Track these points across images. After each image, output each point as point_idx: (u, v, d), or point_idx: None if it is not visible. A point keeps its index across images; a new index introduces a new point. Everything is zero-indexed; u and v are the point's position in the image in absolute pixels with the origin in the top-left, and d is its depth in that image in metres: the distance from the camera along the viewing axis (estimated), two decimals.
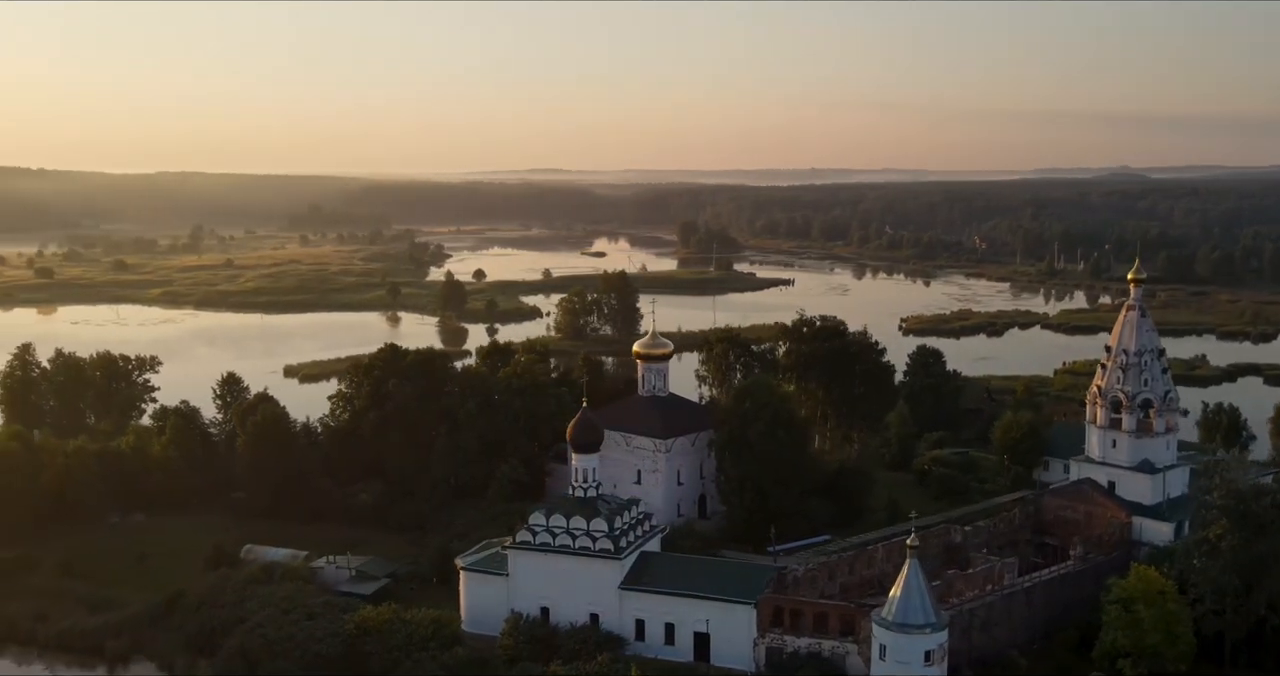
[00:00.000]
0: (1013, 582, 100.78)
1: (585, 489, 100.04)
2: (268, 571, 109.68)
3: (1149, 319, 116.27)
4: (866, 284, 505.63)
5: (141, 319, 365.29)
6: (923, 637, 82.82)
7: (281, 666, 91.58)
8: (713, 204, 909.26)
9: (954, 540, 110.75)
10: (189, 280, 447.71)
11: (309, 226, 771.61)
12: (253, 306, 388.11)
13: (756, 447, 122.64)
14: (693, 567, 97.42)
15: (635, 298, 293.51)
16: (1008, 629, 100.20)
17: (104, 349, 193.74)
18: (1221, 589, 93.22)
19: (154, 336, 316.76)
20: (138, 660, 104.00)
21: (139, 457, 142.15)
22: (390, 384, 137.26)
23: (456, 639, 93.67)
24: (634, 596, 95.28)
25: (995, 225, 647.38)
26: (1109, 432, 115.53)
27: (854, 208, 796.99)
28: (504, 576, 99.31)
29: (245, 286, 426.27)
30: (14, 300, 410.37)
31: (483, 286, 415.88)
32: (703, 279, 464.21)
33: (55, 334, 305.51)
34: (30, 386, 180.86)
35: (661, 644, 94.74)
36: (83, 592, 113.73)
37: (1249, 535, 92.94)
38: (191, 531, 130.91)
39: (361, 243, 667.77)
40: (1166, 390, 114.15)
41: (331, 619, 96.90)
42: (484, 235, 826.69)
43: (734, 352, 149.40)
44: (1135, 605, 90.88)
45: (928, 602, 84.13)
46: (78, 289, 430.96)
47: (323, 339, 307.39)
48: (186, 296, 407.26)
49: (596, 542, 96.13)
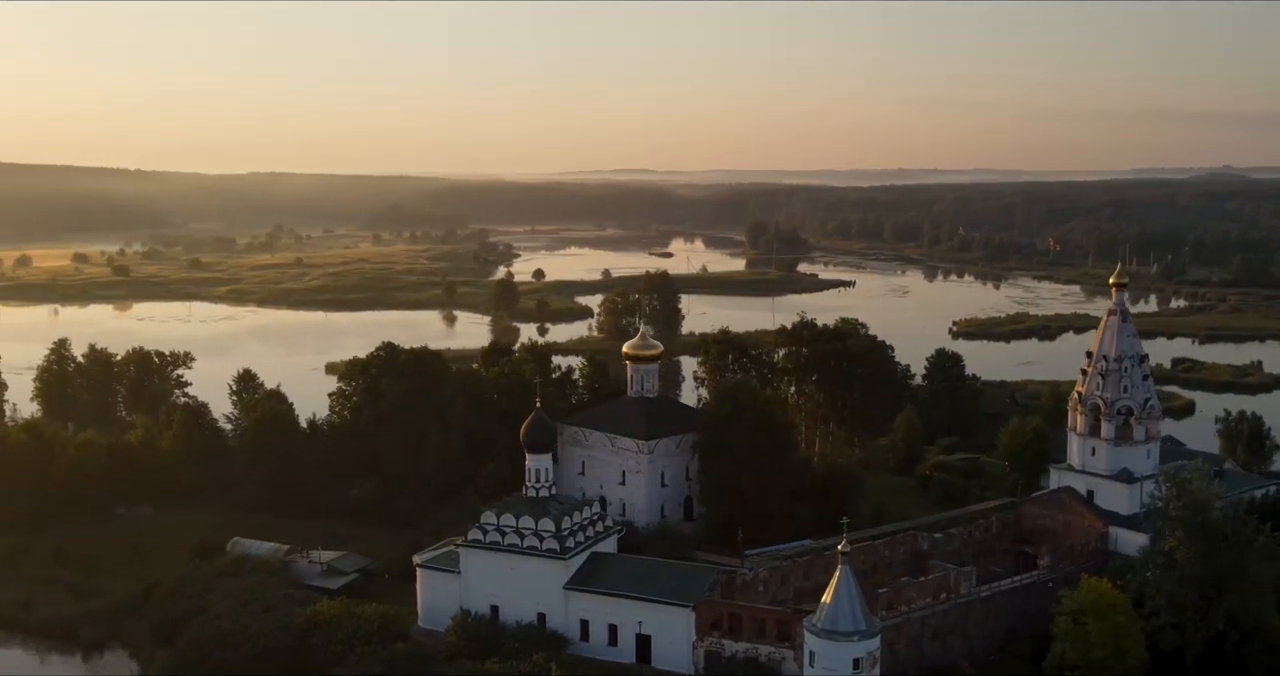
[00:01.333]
0: (970, 591, 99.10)
1: (537, 489, 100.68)
2: (238, 564, 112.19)
3: (1131, 324, 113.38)
4: (931, 286, 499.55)
5: (206, 316, 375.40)
6: (851, 644, 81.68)
7: (230, 657, 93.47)
8: (788, 204, 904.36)
9: (921, 547, 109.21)
10: (257, 278, 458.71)
11: (387, 226, 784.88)
12: (314, 304, 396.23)
13: (737, 450, 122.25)
14: (639, 569, 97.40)
15: (676, 298, 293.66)
16: (964, 638, 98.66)
17: (154, 345, 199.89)
18: (1178, 603, 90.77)
19: (211, 332, 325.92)
20: (112, 648, 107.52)
21: (147, 451, 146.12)
22: (384, 382, 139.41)
23: (403, 634, 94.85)
24: (579, 596, 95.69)
25: (1072, 227, 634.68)
26: (1088, 440, 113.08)
27: (929, 209, 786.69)
28: (457, 574, 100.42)
29: (309, 285, 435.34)
30: (90, 297, 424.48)
31: (539, 286, 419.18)
32: (761, 280, 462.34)
33: (120, 330, 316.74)
34: (65, 380, 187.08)
35: (605, 644, 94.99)
36: (71, 581, 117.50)
37: (1206, 548, 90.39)
38: (192, 524, 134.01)
39: (433, 242, 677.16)
40: (1147, 398, 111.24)
41: (286, 612, 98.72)
42: (558, 235, 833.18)
43: (731, 355, 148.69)
44: (1084, 617, 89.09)
45: (858, 610, 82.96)
46: (151, 286, 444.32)
47: (374, 336, 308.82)
48: (251, 294, 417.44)
49: (543, 542, 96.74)
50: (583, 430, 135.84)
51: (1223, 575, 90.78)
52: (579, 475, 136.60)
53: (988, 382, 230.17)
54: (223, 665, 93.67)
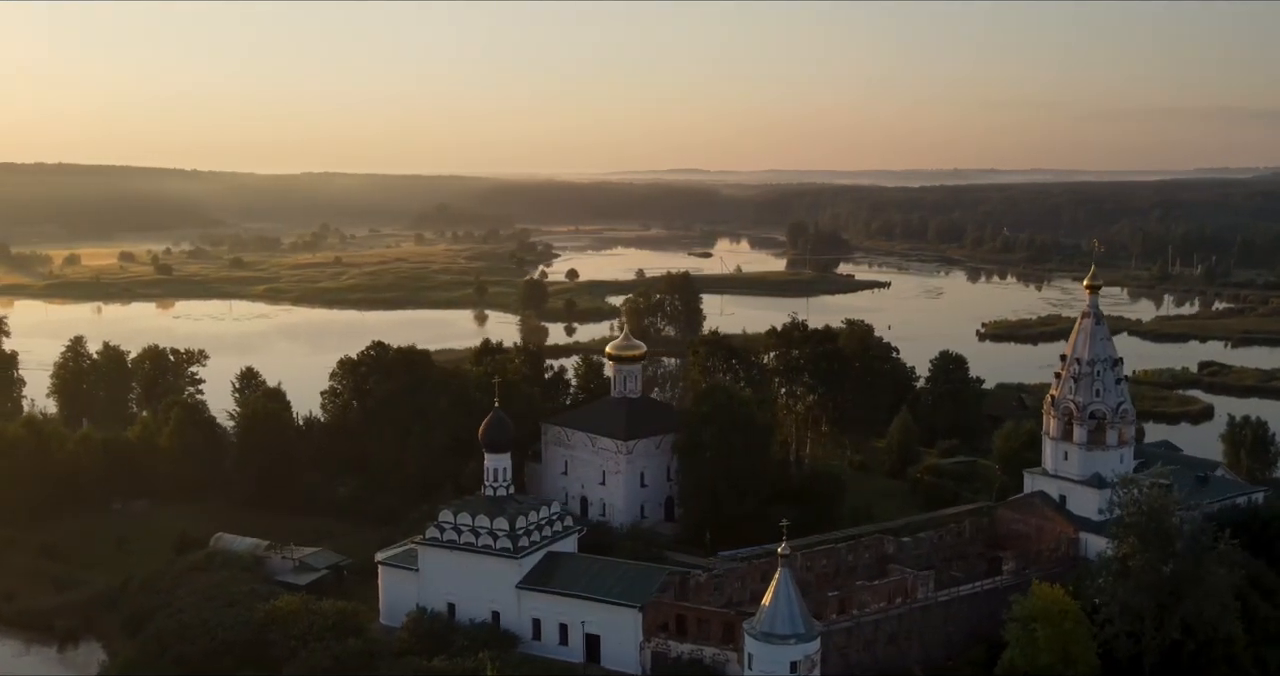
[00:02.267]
0: (927, 596, 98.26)
1: (495, 488, 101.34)
2: (211, 559, 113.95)
3: (1104, 327, 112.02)
4: (968, 287, 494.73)
5: (241, 314, 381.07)
6: (788, 648, 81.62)
7: (187, 650, 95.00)
8: (833, 205, 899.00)
9: (886, 550, 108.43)
10: (295, 277, 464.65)
11: (432, 225, 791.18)
12: (347, 303, 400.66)
13: (713, 451, 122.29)
14: (592, 569, 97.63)
15: (697, 299, 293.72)
16: (921, 643, 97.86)
17: (185, 342, 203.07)
18: (1132, 610, 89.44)
19: (241, 330, 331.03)
20: (87, 639, 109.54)
21: (145, 447, 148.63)
22: (370, 380, 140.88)
23: (357, 631, 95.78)
24: (531, 596, 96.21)
25: (1120, 227, 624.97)
26: (1061, 444, 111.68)
27: (975, 209, 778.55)
28: (415, 571, 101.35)
29: (344, 284, 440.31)
30: (132, 295, 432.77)
31: (570, 286, 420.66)
32: (795, 280, 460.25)
33: (154, 327, 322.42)
34: (81, 377, 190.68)
35: (556, 644, 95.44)
36: (55, 574, 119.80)
37: (1161, 555, 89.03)
38: (183, 519, 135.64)
39: (475, 242, 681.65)
40: (1120, 402, 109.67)
41: (248, 607, 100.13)
42: (601, 235, 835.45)
43: (718, 356, 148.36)
44: (1033, 623, 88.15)
45: (796, 613, 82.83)
46: (192, 285, 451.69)
47: (399, 335, 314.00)
48: (287, 293, 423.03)
49: (497, 541, 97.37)
50: (565, 430, 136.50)
51: (1178, 583, 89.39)
52: (562, 475, 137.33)
53: (1005, 385, 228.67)
54: (181, 658, 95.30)
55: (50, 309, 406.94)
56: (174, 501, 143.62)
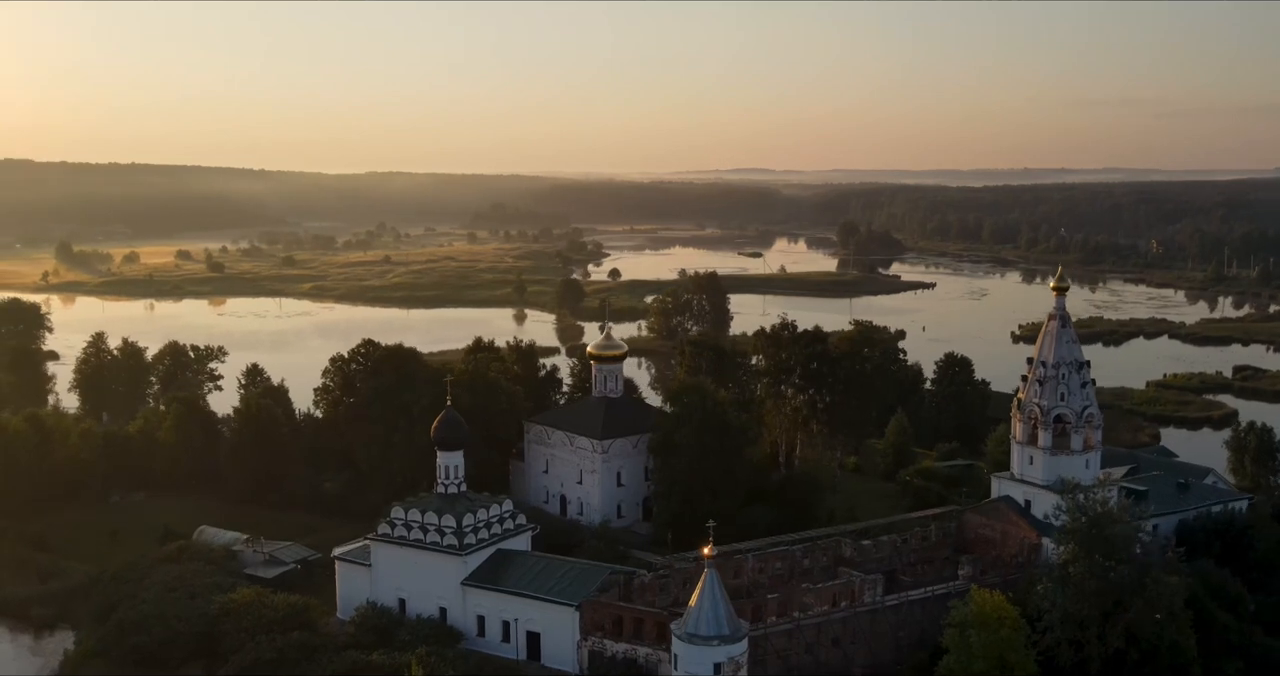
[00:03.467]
0: (875, 600, 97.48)
1: (446, 486, 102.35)
2: (182, 551, 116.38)
3: (1070, 329, 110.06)
4: (1017, 288, 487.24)
5: (284, 311, 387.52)
6: (710, 649, 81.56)
7: (143, 640, 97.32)
8: (890, 204, 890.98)
9: (844, 553, 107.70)
10: (342, 275, 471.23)
11: (489, 224, 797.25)
12: (389, 301, 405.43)
13: (685, 451, 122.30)
14: (538, 567, 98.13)
15: (725, 299, 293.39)
16: (868, 647, 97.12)
17: (222, 338, 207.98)
18: (1073, 618, 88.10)
19: (280, 327, 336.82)
20: (62, 628, 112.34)
21: (144, 441, 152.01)
22: (358, 378, 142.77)
23: (306, 624, 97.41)
24: (475, 592, 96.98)
25: (1182, 227, 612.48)
26: (1026, 448, 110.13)
27: (1034, 209, 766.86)
28: (369, 567, 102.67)
29: (389, 282, 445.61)
30: (183, 292, 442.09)
31: (611, 285, 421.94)
32: (838, 281, 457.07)
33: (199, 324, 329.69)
34: (101, 372, 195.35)
35: (499, 641, 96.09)
36: (41, 563, 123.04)
37: (1101, 562, 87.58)
38: (176, 512, 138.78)
39: (527, 241, 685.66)
40: (1085, 405, 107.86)
41: (207, 599, 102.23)
42: (656, 235, 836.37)
43: (705, 356, 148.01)
44: (969, 629, 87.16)
45: (721, 614, 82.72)
46: (242, 282, 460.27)
47: (433, 333, 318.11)
48: (332, 291, 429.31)
49: (444, 538, 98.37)
50: (546, 429, 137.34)
51: (1121, 591, 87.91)
52: (543, 473, 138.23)
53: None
54: (136, 648, 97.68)
55: (106, 305, 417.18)
56: (170, 495, 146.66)
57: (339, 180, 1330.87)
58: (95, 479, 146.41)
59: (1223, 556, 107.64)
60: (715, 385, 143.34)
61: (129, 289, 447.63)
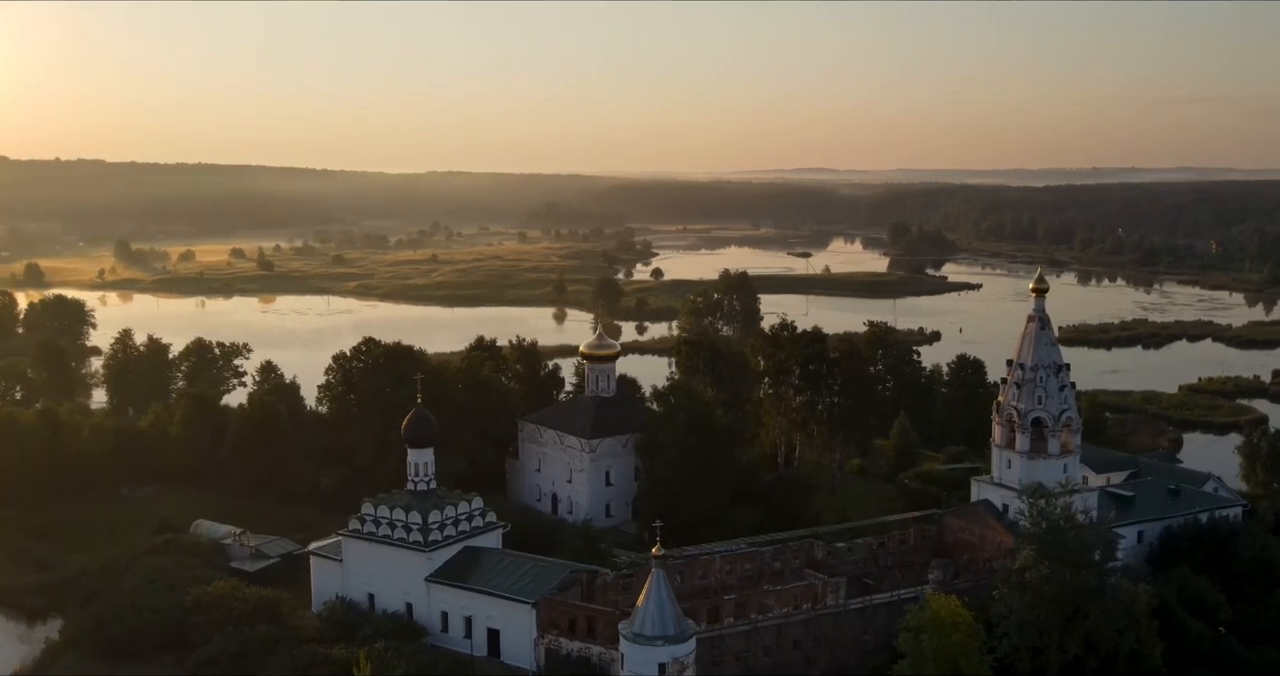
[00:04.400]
0: (837, 603, 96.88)
1: (417, 482, 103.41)
2: (169, 543, 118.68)
3: (1050, 332, 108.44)
4: (1066, 289, 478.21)
5: (328, 309, 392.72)
6: (655, 649, 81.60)
7: (117, 630, 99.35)
8: (947, 204, 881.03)
9: (815, 556, 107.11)
10: (388, 274, 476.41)
11: (543, 223, 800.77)
12: (431, 299, 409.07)
13: (670, 451, 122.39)
14: (501, 565, 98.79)
15: (755, 298, 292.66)
16: (831, 650, 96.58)
17: (262, 334, 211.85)
18: (1030, 624, 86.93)
19: (318, 325, 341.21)
20: (53, 617, 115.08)
21: (155, 436, 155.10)
22: (356, 376, 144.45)
23: (273, 618, 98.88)
24: (439, 589, 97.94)
25: (1244, 228, 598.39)
26: (1004, 452, 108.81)
27: (1094, 209, 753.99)
28: (340, 562, 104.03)
29: (434, 280, 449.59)
30: (232, 290, 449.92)
31: (653, 285, 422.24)
32: (883, 281, 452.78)
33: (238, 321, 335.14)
34: (128, 367, 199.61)
35: (461, 637, 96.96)
36: (40, 554, 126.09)
37: (1058, 567, 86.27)
38: (180, 505, 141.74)
39: (577, 240, 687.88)
40: (1063, 409, 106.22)
41: (183, 591, 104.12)
42: (709, 234, 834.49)
43: (703, 357, 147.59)
44: (922, 634, 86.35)
45: (667, 615, 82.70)
46: (290, 280, 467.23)
47: (467, 331, 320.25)
48: (376, 289, 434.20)
49: (410, 535, 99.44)
50: (539, 427, 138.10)
51: (1079, 598, 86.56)
52: (535, 472, 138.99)
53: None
54: (110, 638, 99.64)
55: (159, 303, 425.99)
56: (178, 489, 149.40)
57: (400, 179, 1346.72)
58: (105, 472, 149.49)
59: (1206, 564, 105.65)
60: (710, 385, 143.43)
61: (181, 286, 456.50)
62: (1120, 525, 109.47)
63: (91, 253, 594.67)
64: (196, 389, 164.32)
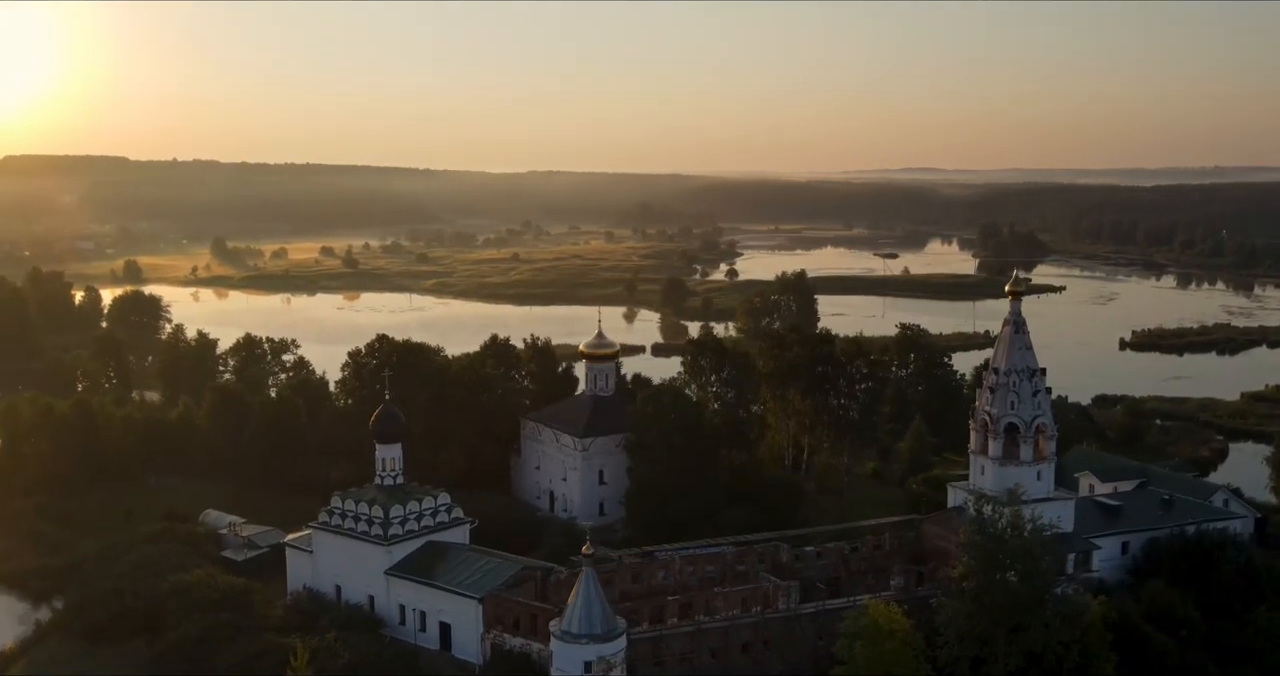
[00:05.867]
0: (789, 607, 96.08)
1: (384, 477, 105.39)
2: (165, 532, 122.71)
3: (1025, 336, 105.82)
4: (1156, 292, 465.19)
5: (402, 306, 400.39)
6: (580, 647, 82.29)
7: (97, 615, 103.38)
8: (1048, 204, 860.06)
9: (781, 559, 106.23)
10: (467, 272, 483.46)
11: (635, 223, 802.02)
12: (503, 297, 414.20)
13: (655, 451, 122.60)
14: (458, 560, 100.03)
15: (813, 299, 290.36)
16: (782, 654, 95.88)
17: (332, 331, 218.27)
18: (969, 634, 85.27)
19: (384, 321, 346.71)
20: (56, 600, 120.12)
21: (183, 427, 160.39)
22: (366, 372, 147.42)
23: (240, 606, 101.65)
24: (397, 582, 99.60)
25: None
26: (979, 458, 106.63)
27: (1201, 210, 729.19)
28: (311, 553, 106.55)
29: (511, 279, 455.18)
30: (316, 287, 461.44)
31: (725, 285, 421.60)
32: (961, 284, 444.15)
33: (312, 317, 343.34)
34: (178, 362, 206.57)
35: (418, 630, 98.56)
36: (55, 539, 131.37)
37: (998, 577, 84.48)
38: (198, 495, 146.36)
39: (664, 239, 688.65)
40: (1036, 415, 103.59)
41: (165, 578, 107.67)
42: (801, 235, 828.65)
43: (709, 359, 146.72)
44: (856, 642, 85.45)
45: (595, 614, 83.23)
46: (372, 278, 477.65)
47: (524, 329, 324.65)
48: (452, 287, 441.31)
49: (371, 528, 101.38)
50: (538, 425, 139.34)
51: (1020, 608, 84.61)
52: (535, 470, 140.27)
53: (1107, 398, 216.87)
54: (91, 622, 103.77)
55: (248, 299, 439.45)
56: (200, 479, 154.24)
57: (501, 179, 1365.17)
58: (134, 462, 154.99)
59: (1188, 577, 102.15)
60: (716, 386, 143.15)
61: (267, 283, 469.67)
62: (1101, 535, 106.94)
63: (192, 250, 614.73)
64: (224, 382, 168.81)
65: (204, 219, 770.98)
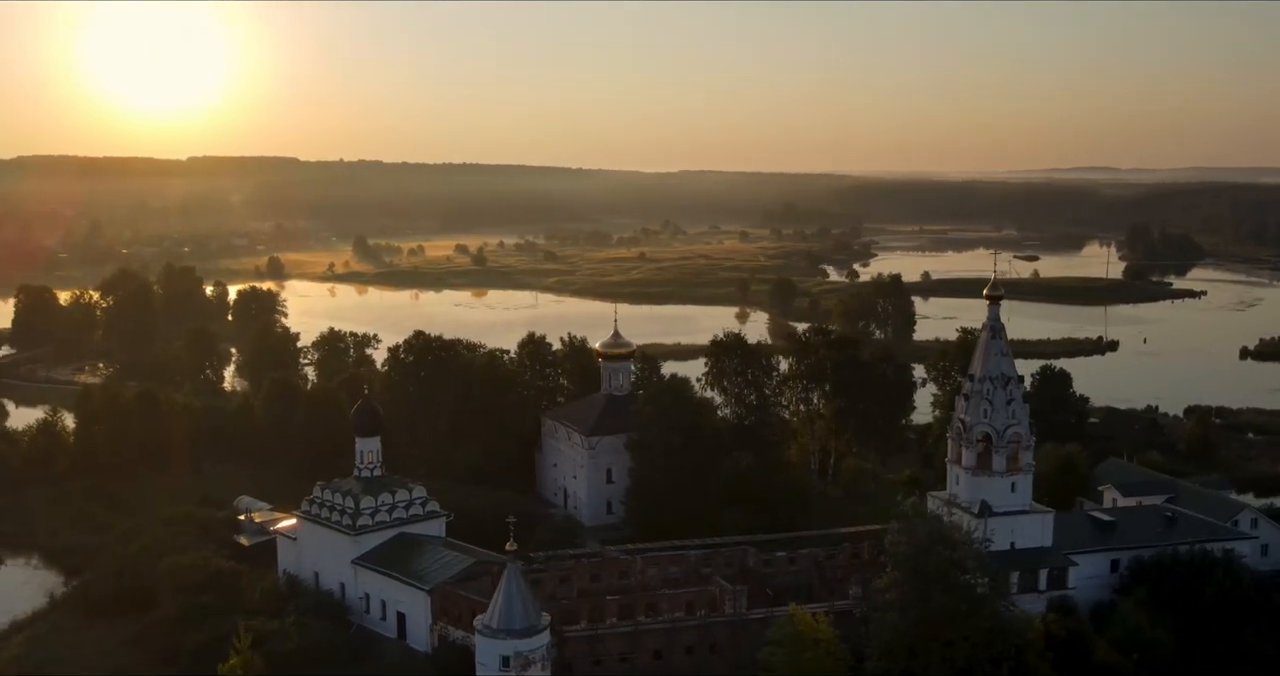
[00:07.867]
0: (737, 611, 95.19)
1: (362, 469, 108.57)
2: (186, 516, 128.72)
3: (1002, 342, 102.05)
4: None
5: (517, 303, 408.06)
6: (499, 642, 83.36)
7: (100, 593, 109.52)
8: (1214, 204, 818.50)
9: (748, 563, 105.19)
10: (589, 271, 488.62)
11: (776, 223, 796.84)
12: (619, 296, 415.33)
13: (654, 451, 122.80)
14: (420, 552, 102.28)
15: (909, 302, 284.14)
16: (732, 658, 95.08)
17: (438, 326, 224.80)
18: (893, 646, 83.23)
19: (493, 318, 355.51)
20: (83, 575, 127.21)
21: (241, 416, 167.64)
22: (403, 368, 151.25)
23: (226, 589, 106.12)
24: (363, 572, 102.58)
25: None
26: (954, 468, 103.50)
27: None
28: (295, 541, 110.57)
29: (631, 277, 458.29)
30: (443, 284, 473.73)
31: (840, 286, 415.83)
32: (1093, 288, 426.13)
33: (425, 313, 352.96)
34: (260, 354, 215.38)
35: (379, 619, 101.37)
36: (100, 520, 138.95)
37: (922, 591, 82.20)
38: (240, 482, 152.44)
39: (799, 239, 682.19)
40: (1009, 424, 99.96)
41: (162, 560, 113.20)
42: (945, 236, 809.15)
43: (732, 360, 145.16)
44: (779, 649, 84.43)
45: (515, 609, 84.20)
46: (497, 275, 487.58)
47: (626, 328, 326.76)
48: (572, 285, 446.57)
49: (343, 518, 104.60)
50: (555, 423, 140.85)
51: (947, 622, 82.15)
52: (553, 467, 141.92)
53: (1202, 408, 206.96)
54: (91, 598, 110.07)
55: (382, 295, 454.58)
56: (252, 466, 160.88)
57: (651, 178, 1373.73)
58: (192, 449, 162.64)
59: (1173, 598, 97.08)
60: (737, 386, 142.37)
61: (398, 279, 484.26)
62: (1087, 552, 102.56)
63: (339, 247, 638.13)
64: (282, 374, 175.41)
65: (359, 217, 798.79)
